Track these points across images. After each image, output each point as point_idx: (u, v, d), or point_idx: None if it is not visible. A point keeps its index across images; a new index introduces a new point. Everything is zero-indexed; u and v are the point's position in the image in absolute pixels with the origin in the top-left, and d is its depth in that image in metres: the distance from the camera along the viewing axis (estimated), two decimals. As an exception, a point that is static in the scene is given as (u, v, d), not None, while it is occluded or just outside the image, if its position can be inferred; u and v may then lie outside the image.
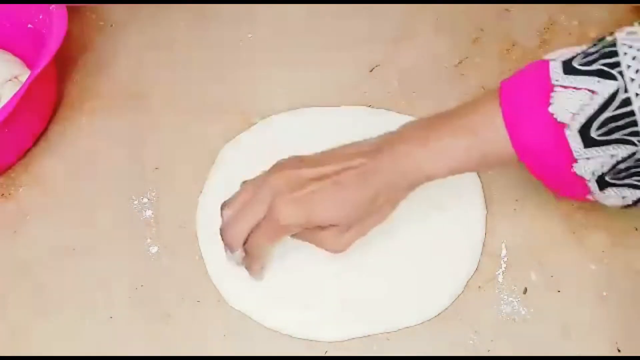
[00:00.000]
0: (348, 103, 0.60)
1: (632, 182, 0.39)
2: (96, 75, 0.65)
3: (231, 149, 0.58)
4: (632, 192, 0.40)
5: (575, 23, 0.63)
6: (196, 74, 0.64)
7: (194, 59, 0.65)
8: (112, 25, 0.69)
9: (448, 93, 0.59)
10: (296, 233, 0.46)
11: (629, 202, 0.41)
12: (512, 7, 0.64)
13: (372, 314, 0.49)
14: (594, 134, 0.38)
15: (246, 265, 0.49)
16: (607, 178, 0.39)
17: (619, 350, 0.46)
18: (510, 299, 0.49)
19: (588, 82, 0.37)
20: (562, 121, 0.38)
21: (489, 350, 0.47)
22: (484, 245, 0.51)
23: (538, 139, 0.39)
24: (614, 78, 0.37)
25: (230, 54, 0.65)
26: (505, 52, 0.62)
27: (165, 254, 0.54)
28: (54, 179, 0.59)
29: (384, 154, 0.44)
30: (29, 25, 0.63)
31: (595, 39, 0.40)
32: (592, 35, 0.61)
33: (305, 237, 0.47)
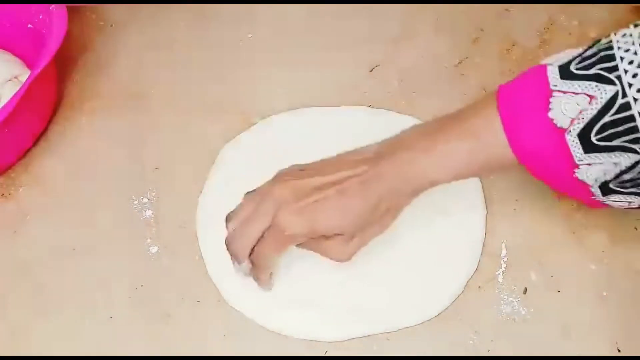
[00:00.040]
0: (348, 103, 0.60)
1: (638, 190, 0.39)
2: (96, 75, 0.65)
3: (231, 149, 0.58)
4: (639, 198, 0.40)
5: (575, 23, 0.63)
6: (196, 74, 0.64)
7: (194, 59, 0.65)
8: (112, 25, 0.69)
9: (448, 93, 0.59)
10: (301, 242, 0.46)
11: (634, 205, 0.41)
12: (512, 7, 0.64)
13: (372, 314, 0.49)
14: (593, 139, 0.37)
15: (254, 276, 0.48)
16: (612, 185, 0.39)
17: (619, 350, 0.46)
18: (510, 299, 0.49)
19: (586, 86, 0.37)
20: (562, 126, 0.38)
21: (489, 350, 0.47)
22: (484, 245, 0.51)
23: (538, 144, 0.39)
24: (612, 82, 0.37)
25: (230, 54, 0.65)
26: (505, 52, 0.62)
27: (165, 254, 0.54)
28: (54, 179, 0.59)
29: (386, 160, 0.44)
30: (29, 25, 0.63)
31: (595, 39, 0.40)
32: (592, 35, 0.61)
33: (310, 247, 0.46)
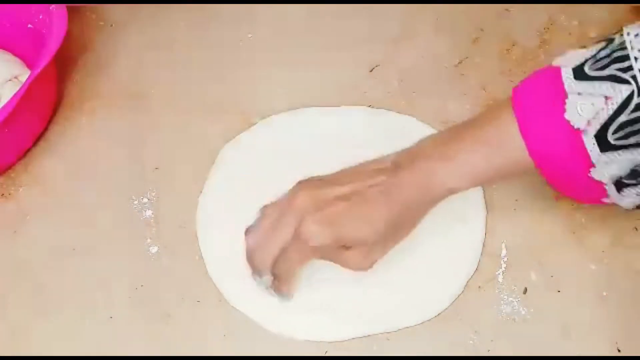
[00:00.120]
0: (348, 103, 0.60)
1: None
2: (96, 75, 0.65)
3: (231, 149, 0.58)
4: None
5: (575, 23, 0.62)
6: (196, 74, 0.64)
7: (194, 59, 0.65)
8: (112, 25, 0.69)
9: (448, 93, 0.59)
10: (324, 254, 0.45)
11: None
12: (512, 7, 0.64)
13: (372, 314, 0.49)
14: (610, 138, 0.38)
15: (275, 289, 0.48)
16: (625, 180, 0.39)
17: (619, 350, 0.46)
18: (510, 299, 0.49)
19: (602, 87, 0.37)
20: (578, 127, 0.38)
21: (489, 350, 0.47)
22: (484, 245, 0.51)
23: (555, 146, 0.39)
24: (627, 82, 0.37)
25: (230, 54, 0.65)
26: (505, 52, 0.62)
27: (165, 254, 0.54)
28: (54, 179, 0.59)
29: (405, 170, 0.44)
30: (29, 25, 0.63)
31: (595, 39, 0.40)
32: (592, 35, 0.61)
33: (328, 257, 0.45)
